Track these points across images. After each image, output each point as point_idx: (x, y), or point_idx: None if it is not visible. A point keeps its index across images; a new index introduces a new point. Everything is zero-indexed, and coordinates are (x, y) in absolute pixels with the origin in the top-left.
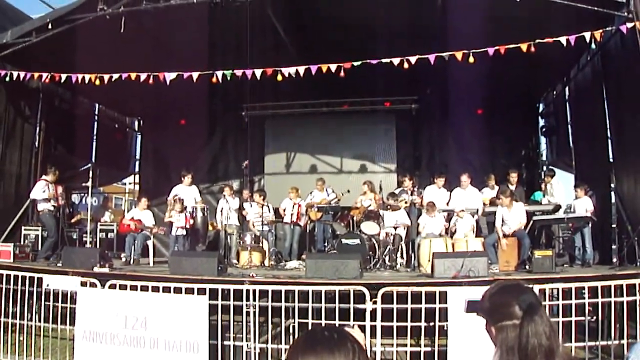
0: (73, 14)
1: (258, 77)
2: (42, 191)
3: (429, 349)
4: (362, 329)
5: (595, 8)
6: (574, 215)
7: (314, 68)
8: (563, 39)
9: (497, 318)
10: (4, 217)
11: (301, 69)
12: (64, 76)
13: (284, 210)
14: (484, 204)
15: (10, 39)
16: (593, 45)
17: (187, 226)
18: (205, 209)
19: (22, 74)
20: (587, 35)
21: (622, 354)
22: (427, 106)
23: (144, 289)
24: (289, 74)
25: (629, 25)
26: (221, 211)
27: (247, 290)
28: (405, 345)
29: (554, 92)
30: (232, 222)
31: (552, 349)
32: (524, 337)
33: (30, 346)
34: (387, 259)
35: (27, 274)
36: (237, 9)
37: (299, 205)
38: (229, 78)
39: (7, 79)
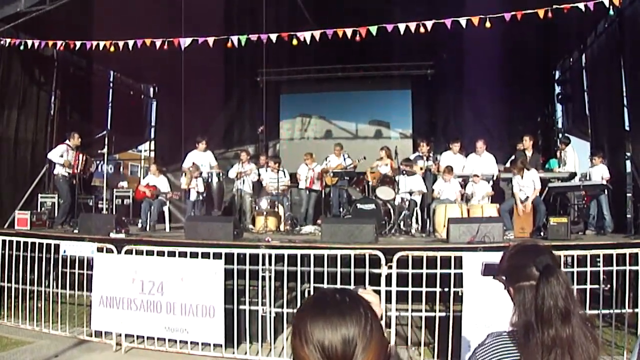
0: None
1: (274, 41)
2: (60, 155)
3: (443, 314)
4: (377, 293)
5: None
6: (590, 183)
7: (329, 33)
8: (581, 5)
9: (515, 279)
10: (20, 184)
11: (317, 34)
12: (78, 43)
13: (300, 175)
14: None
15: (24, 7)
16: (611, 12)
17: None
18: (221, 175)
19: (36, 43)
20: (606, 0)
21: (636, 323)
22: (443, 72)
23: (160, 254)
24: (305, 38)
25: None
26: (236, 175)
27: (263, 255)
28: (420, 310)
29: (571, 59)
30: (248, 188)
31: (569, 311)
32: (540, 298)
33: (48, 312)
34: (402, 224)
35: (44, 241)
36: None
37: (314, 171)
38: (243, 43)
39: (22, 47)
